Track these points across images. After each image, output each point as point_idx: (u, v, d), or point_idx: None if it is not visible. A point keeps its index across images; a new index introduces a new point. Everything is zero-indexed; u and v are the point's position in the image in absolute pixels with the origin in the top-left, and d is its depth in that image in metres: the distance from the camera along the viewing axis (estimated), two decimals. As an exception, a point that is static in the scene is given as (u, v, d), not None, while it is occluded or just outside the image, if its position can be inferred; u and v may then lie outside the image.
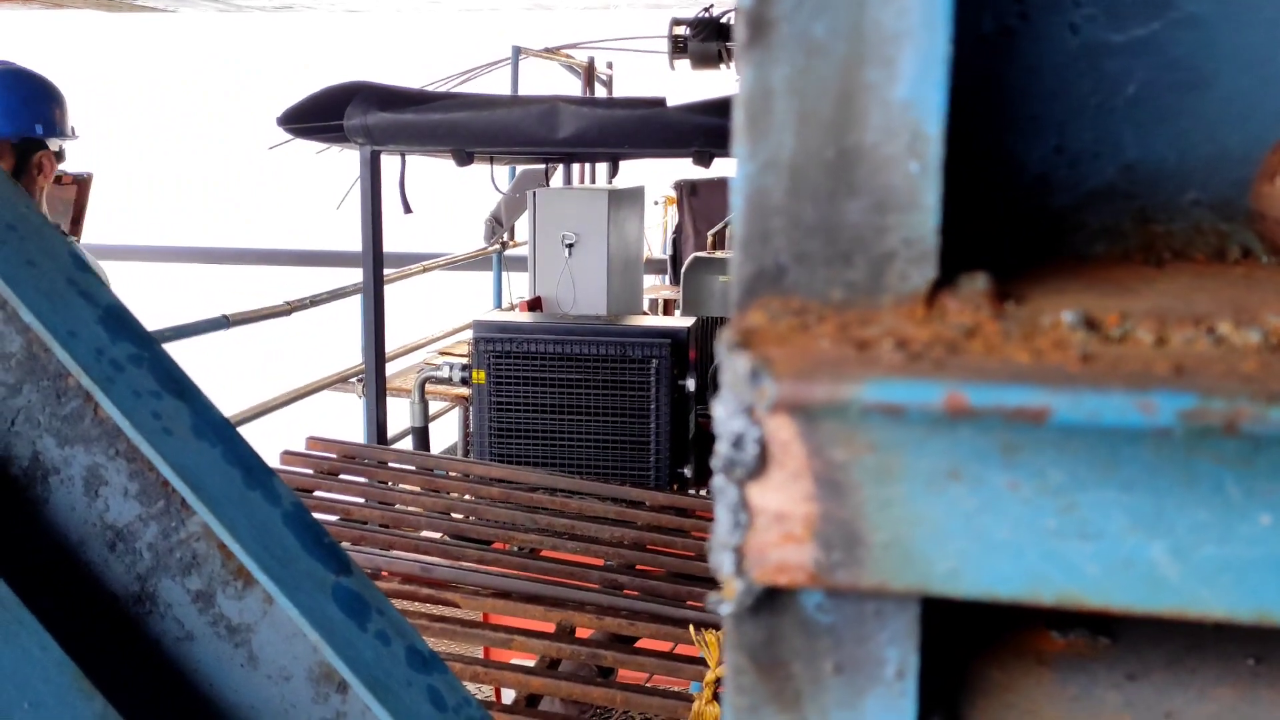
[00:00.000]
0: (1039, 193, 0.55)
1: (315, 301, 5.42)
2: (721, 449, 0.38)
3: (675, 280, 7.93)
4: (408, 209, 3.98)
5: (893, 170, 0.37)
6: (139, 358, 1.15)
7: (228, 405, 4.02)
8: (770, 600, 0.41)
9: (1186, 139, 0.54)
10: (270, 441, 3.40)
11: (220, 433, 1.16)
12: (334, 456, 2.95)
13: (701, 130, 3.60)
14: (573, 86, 9.17)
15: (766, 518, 0.39)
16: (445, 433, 6.39)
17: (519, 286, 7.86)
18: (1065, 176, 0.55)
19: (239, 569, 1.16)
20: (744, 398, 0.35)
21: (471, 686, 2.27)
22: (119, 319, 1.16)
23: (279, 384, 4.99)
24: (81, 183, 5.02)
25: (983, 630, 0.51)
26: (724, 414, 0.38)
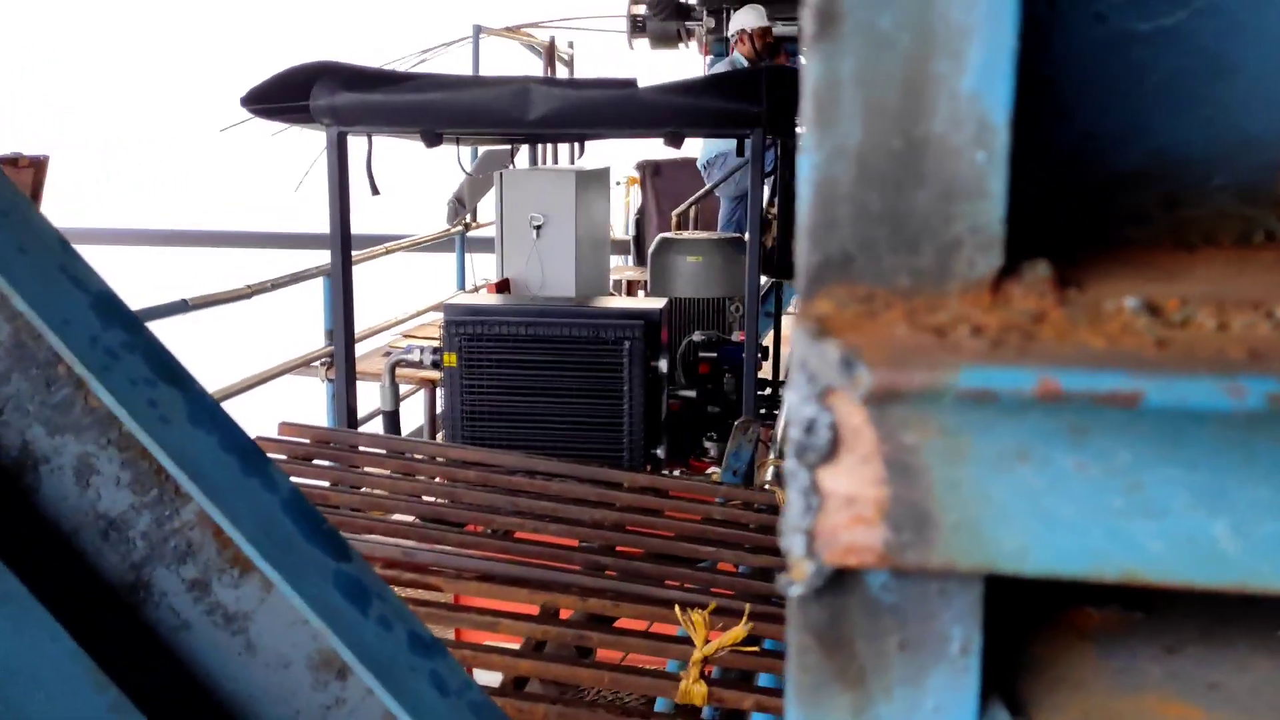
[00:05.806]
0: (1068, 177, 0.56)
1: (276, 285, 5.36)
2: (794, 434, 0.39)
3: (639, 261, 7.93)
4: (375, 190, 3.95)
5: (960, 160, 0.38)
6: (131, 345, 1.14)
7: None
8: (836, 581, 0.42)
9: (1213, 125, 0.55)
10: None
11: (215, 419, 1.15)
12: (307, 442, 2.93)
13: (674, 111, 3.60)
14: (534, 66, 9.11)
15: (837, 501, 0.39)
16: (411, 416, 6.37)
17: (482, 268, 7.83)
18: (1094, 161, 0.56)
19: (236, 556, 1.16)
20: (824, 384, 0.36)
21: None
22: (110, 306, 1.14)
23: (241, 368, 4.94)
24: (38, 165, 4.92)
25: (1024, 608, 0.52)
26: (796, 400, 0.39)
